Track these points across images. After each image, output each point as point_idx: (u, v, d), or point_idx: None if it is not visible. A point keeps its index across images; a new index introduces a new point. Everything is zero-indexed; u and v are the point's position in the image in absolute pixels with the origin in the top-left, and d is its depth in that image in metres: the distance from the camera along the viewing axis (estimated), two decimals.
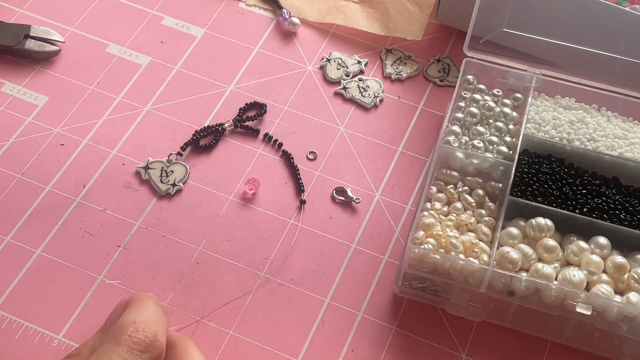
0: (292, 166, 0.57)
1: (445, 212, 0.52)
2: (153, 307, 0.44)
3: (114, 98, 0.60)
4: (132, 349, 0.40)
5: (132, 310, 0.43)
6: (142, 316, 0.42)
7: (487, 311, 0.50)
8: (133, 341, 0.41)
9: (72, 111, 0.59)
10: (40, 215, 0.53)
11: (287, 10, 0.65)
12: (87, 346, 0.43)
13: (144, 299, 0.45)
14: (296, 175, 0.56)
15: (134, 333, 0.41)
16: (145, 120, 0.59)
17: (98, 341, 0.43)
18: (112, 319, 0.45)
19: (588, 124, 0.56)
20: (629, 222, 0.51)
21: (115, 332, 0.41)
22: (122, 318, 0.42)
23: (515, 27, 0.59)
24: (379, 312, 0.51)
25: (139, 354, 0.41)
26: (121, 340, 0.41)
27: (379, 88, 0.62)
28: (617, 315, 0.46)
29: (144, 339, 0.41)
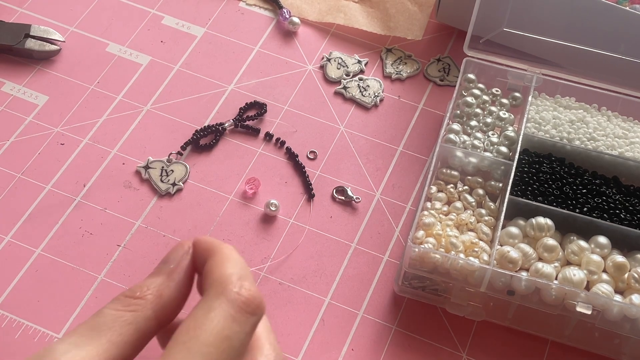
0: (298, 164, 0.57)
1: (445, 212, 0.52)
2: (243, 261, 0.38)
3: (114, 97, 0.60)
4: (242, 310, 0.34)
5: (224, 262, 0.37)
6: (243, 271, 0.36)
7: (487, 310, 0.50)
8: (242, 300, 0.35)
9: (72, 111, 0.59)
10: (40, 215, 0.53)
11: (287, 10, 0.65)
12: (150, 289, 0.37)
13: (229, 249, 0.38)
14: (302, 172, 0.56)
15: (242, 291, 0.35)
16: (145, 119, 0.59)
17: (163, 286, 0.37)
18: (170, 260, 0.38)
19: (588, 124, 0.56)
20: (629, 222, 0.51)
21: (217, 286, 0.35)
22: (220, 270, 0.36)
23: (515, 27, 0.59)
24: (379, 311, 0.51)
25: (248, 316, 0.35)
26: (231, 298, 0.34)
27: (379, 87, 0.62)
28: (617, 314, 0.46)
29: (252, 300, 0.35)
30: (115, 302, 0.35)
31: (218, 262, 0.36)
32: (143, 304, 0.35)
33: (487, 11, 0.58)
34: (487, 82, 0.58)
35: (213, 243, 0.38)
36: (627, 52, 0.58)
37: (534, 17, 0.59)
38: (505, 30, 0.59)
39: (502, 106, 0.57)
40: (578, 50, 0.59)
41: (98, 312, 0.35)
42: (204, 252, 0.38)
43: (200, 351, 0.32)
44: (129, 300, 0.35)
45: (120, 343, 0.34)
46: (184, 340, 0.32)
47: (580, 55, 0.59)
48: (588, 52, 0.58)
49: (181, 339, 0.32)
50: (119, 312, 0.35)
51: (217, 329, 0.33)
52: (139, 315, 0.35)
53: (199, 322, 0.33)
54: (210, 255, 0.37)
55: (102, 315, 0.34)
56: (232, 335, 0.33)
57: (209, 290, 0.34)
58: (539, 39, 0.59)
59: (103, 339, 0.33)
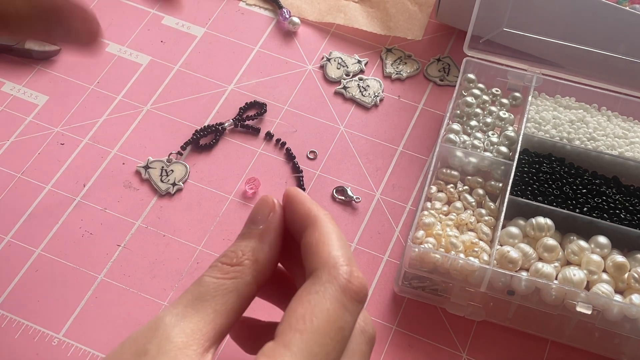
0: (295, 167, 0.57)
1: (445, 212, 0.52)
2: (343, 236, 0.36)
3: (114, 97, 0.60)
4: (353, 300, 0.33)
5: (329, 239, 0.35)
6: (348, 252, 0.35)
7: (487, 310, 0.50)
8: (353, 290, 0.34)
9: (72, 110, 0.59)
10: (40, 215, 0.53)
11: (287, 10, 0.65)
12: (246, 254, 0.36)
13: (328, 221, 0.36)
14: (298, 175, 0.56)
15: (353, 280, 0.34)
16: (145, 119, 0.59)
17: (257, 250, 0.36)
18: (258, 220, 0.38)
19: (588, 124, 0.56)
20: (629, 222, 0.51)
21: (328, 271, 0.34)
22: (327, 250, 0.35)
23: (515, 27, 0.59)
24: (379, 311, 0.51)
25: (358, 304, 0.34)
26: (343, 285, 0.33)
27: (379, 87, 0.62)
28: (617, 314, 0.46)
29: (362, 289, 0.34)
30: (214, 270, 0.35)
31: (323, 239, 0.35)
32: (241, 270, 0.35)
33: (487, 11, 0.58)
34: (487, 82, 0.58)
35: (310, 209, 0.37)
36: (627, 52, 0.58)
37: (534, 17, 0.59)
38: (505, 30, 0.59)
39: (502, 106, 0.57)
40: (578, 50, 0.59)
41: (199, 281, 0.35)
42: (299, 217, 0.37)
43: (317, 342, 0.32)
44: (227, 268, 0.35)
45: (224, 311, 0.34)
46: (300, 328, 0.32)
47: (580, 55, 0.59)
48: (588, 52, 0.58)
49: (297, 325, 0.32)
50: (220, 280, 0.35)
51: (332, 319, 0.33)
52: (240, 282, 0.35)
53: (316, 310, 0.33)
54: (310, 224, 0.36)
55: (203, 284, 0.35)
56: (345, 326, 0.33)
57: (320, 274, 0.34)
58: (539, 39, 0.59)
59: (209, 308, 0.34)
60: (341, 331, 0.33)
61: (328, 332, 0.32)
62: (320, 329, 0.32)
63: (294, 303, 0.33)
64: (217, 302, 0.34)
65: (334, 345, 0.32)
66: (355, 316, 0.34)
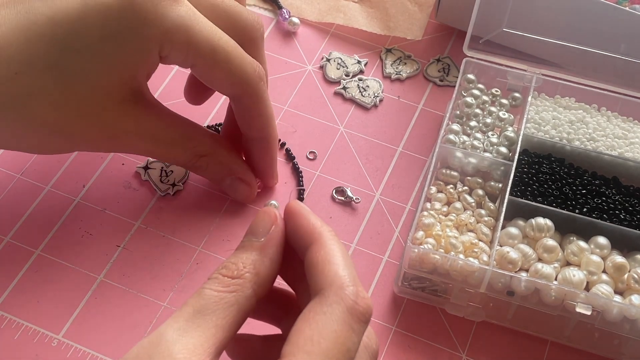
0: (295, 168, 0.57)
1: (445, 212, 0.52)
2: (347, 254, 0.36)
3: None
4: (359, 321, 0.34)
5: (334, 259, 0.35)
6: (352, 271, 0.35)
7: (487, 311, 0.50)
8: (360, 311, 0.34)
9: None
10: (39, 215, 0.53)
11: (286, 10, 0.65)
12: (247, 267, 0.36)
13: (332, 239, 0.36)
14: (298, 177, 0.56)
15: (359, 301, 0.34)
16: None
17: (258, 263, 0.36)
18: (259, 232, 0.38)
19: (588, 124, 0.56)
20: (628, 222, 0.51)
21: (334, 291, 0.34)
22: (332, 270, 0.35)
23: (515, 27, 0.59)
24: (378, 311, 0.51)
25: (363, 325, 0.34)
26: (349, 306, 0.34)
27: (379, 88, 0.62)
28: (617, 315, 0.46)
29: (368, 310, 0.34)
30: (214, 283, 0.35)
31: (328, 258, 0.35)
32: (242, 284, 0.35)
33: (487, 11, 0.58)
34: (487, 83, 0.58)
35: (314, 225, 0.37)
36: (627, 52, 0.58)
37: (533, 17, 0.59)
38: (505, 31, 0.59)
39: (501, 106, 0.57)
40: (578, 50, 0.59)
41: (199, 294, 0.35)
42: (303, 233, 0.37)
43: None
44: (227, 280, 0.35)
45: (225, 325, 0.34)
46: (308, 349, 0.32)
47: (580, 55, 0.59)
48: (588, 52, 0.58)
49: (305, 347, 0.32)
50: (221, 294, 0.35)
51: (340, 341, 0.33)
52: (241, 296, 0.35)
53: (323, 331, 0.33)
54: (314, 241, 0.36)
55: (204, 297, 0.35)
56: (352, 347, 0.33)
57: (327, 294, 0.34)
58: (538, 39, 0.59)
59: (210, 323, 0.34)
60: (348, 353, 0.33)
61: (335, 354, 0.32)
62: (328, 351, 0.32)
63: (301, 323, 0.33)
64: (218, 316, 0.34)
65: None
66: (360, 336, 0.34)
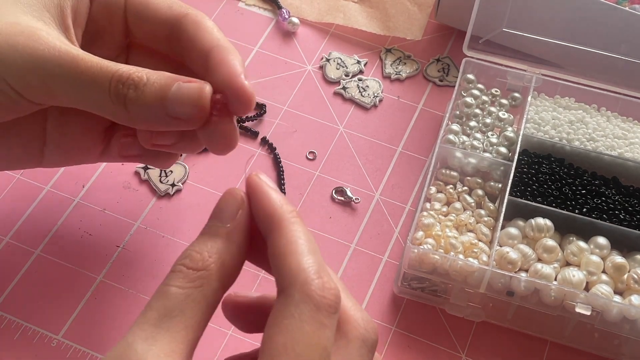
0: (276, 160, 0.57)
1: (444, 212, 0.52)
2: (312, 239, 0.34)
3: None
4: (329, 314, 0.32)
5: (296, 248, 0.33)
6: (318, 260, 0.33)
7: (487, 311, 0.50)
8: (328, 304, 0.32)
9: None
10: (39, 216, 0.53)
11: (286, 10, 0.65)
12: (212, 257, 0.33)
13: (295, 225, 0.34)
14: (279, 170, 0.56)
15: (326, 294, 0.32)
16: None
17: (224, 252, 0.34)
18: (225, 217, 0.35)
19: (588, 124, 0.56)
20: (628, 222, 0.51)
21: (299, 288, 0.32)
22: (296, 261, 0.33)
23: (515, 27, 0.59)
24: (378, 312, 0.51)
25: (334, 317, 0.32)
26: (317, 302, 0.32)
27: (379, 88, 0.62)
28: (617, 315, 0.46)
29: (336, 300, 0.32)
30: (178, 278, 0.33)
31: (290, 248, 0.33)
32: (208, 276, 0.33)
33: (487, 11, 0.58)
34: (487, 83, 0.58)
35: (275, 209, 0.34)
36: (627, 53, 0.58)
37: (533, 17, 0.59)
38: (505, 31, 0.59)
39: (501, 106, 0.57)
40: (578, 50, 0.59)
41: (163, 294, 0.32)
42: (263, 216, 0.34)
43: None
44: (192, 274, 0.33)
45: (194, 325, 0.32)
46: (282, 359, 0.30)
47: (580, 55, 0.59)
48: (588, 52, 0.58)
49: (280, 357, 0.31)
50: (187, 291, 0.32)
51: (313, 342, 0.31)
52: (207, 290, 0.33)
53: (295, 336, 0.31)
54: (274, 228, 0.34)
55: (169, 297, 0.32)
56: (327, 343, 0.32)
57: (292, 293, 0.32)
58: (538, 39, 0.59)
59: (179, 325, 0.32)
60: (324, 350, 0.32)
61: (312, 356, 0.31)
62: (303, 355, 0.31)
63: (272, 330, 0.32)
64: (186, 316, 0.32)
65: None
66: (334, 327, 0.32)
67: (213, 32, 0.42)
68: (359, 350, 0.34)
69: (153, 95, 0.38)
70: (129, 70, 0.38)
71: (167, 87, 0.38)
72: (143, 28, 0.44)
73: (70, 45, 0.39)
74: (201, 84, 0.38)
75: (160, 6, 0.43)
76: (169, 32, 0.43)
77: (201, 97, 0.38)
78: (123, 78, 0.38)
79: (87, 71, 0.38)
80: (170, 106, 0.38)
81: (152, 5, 0.43)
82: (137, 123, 0.39)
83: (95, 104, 0.39)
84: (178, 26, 0.42)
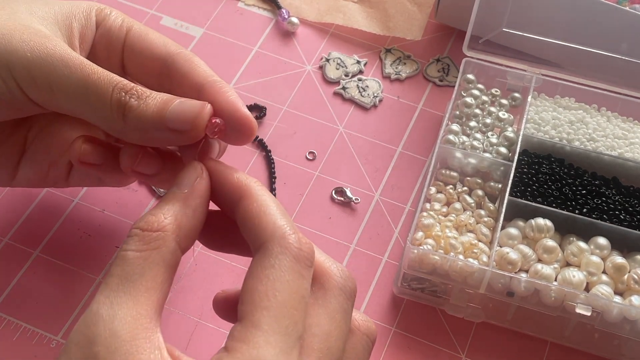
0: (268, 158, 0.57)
1: (444, 213, 0.52)
2: (279, 203, 0.36)
3: None
4: (306, 265, 0.34)
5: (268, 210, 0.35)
6: (290, 219, 0.35)
7: (487, 312, 0.50)
8: (304, 256, 0.34)
9: None
10: (38, 216, 0.53)
11: (286, 10, 0.65)
12: (168, 218, 0.34)
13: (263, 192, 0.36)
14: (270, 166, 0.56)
15: (302, 246, 0.34)
16: None
17: (181, 214, 0.35)
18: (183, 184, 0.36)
19: (588, 124, 0.56)
20: (628, 223, 0.51)
21: (277, 242, 0.34)
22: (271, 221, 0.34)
23: (515, 27, 0.59)
24: (378, 312, 0.51)
25: (310, 269, 0.34)
26: (295, 254, 0.34)
27: (378, 88, 0.62)
28: (617, 316, 0.46)
29: (311, 252, 0.34)
30: (134, 241, 0.34)
31: (263, 209, 0.35)
32: (164, 237, 0.34)
33: (487, 11, 0.58)
34: (487, 83, 0.58)
35: (240, 179, 0.37)
36: (627, 53, 0.58)
37: (533, 17, 0.59)
38: (505, 31, 0.59)
39: (501, 107, 0.57)
40: (578, 50, 0.58)
41: (121, 259, 0.33)
42: (229, 189, 0.36)
43: (285, 315, 0.32)
44: (148, 235, 0.34)
45: (156, 286, 0.33)
46: (265, 305, 0.32)
47: (580, 55, 0.58)
48: (588, 52, 0.58)
49: (262, 303, 0.32)
50: (144, 253, 0.33)
51: (293, 290, 0.33)
52: (165, 251, 0.34)
53: (276, 284, 0.33)
54: (243, 196, 0.36)
55: (127, 262, 0.33)
56: (305, 294, 0.34)
57: (271, 246, 0.34)
58: (538, 39, 0.59)
59: (141, 288, 0.32)
60: (303, 299, 0.33)
61: (292, 304, 0.33)
62: (285, 302, 0.32)
63: (252, 280, 0.33)
64: (146, 278, 0.33)
65: (300, 314, 0.33)
66: (310, 279, 0.34)
67: (205, 68, 0.43)
68: (337, 298, 0.35)
69: (154, 106, 0.38)
70: (134, 84, 0.39)
71: (170, 100, 0.38)
72: (137, 61, 0.45)
73: (78, 54, 0.40)
74: (203, 102, 0.38)
75: (156, 44, 0.44)
76: (160, 68, 0.43)
77: (202, 113, 0.38)
78: (127, 87, 0.38)
79: (92, 75, 0.38)
80: (170, 117, 0.38)
81: (148, 42, 0.44)
82: (130, 134, 0.39)
83: (92, 110, 0.39)
84: (170, 62, 0.43)
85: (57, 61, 0.39)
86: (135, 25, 0.45)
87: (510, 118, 0.56)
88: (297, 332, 0.32)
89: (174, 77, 0.43)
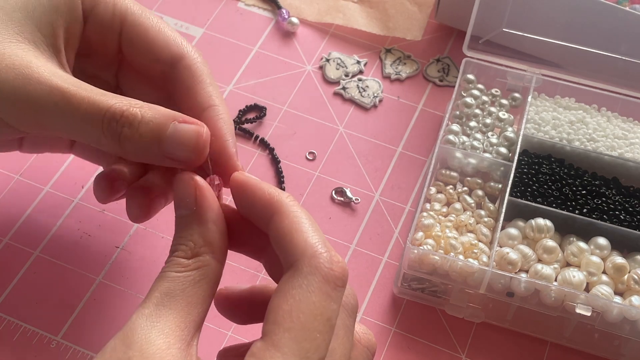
0: (274, 160, 0.57)
1: (444, 213, 0.52)
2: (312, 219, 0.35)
3: None
4: (336, 287, 0.33)
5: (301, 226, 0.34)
6: (322, 236, 0.34)
7: (487, 312, 0.50)
8: (335, 276, 0.33)
9: None
10: (38, 216, 0.53)
11: (286, 10, 0.65)
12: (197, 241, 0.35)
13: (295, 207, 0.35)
14: (277, 168, 0.56)
15: (334, 267, 0.33)
16: None
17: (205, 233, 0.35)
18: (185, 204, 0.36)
19: (588, 124, 0.56)
20: (628, 223, 0.51)
21: (308, 261, 0.33)
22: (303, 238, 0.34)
23: (515, 27, 0.59)
24: (378, 313, 0.51)
25: (341, 290, 0.33)
26: (325, 274, 0.33)
27: (378, 88, 0.62)
28: (617, 316, 0.46)
29: (344, 273, 0.33)
30: (175, 265, 0.35)
31: (295, 226, 0.34)
32: (203, 260, 0.35)
33: (487, 11, 0.58)
34: (487, 83, 0.58)
35: (272, 195, 0.35)
36: (627, 53, 0.58)
37: (533, 17, 0.59)
38: (505, 31, 0.59)
39: (501, 107, 0.57)
40: (578, 50, 0.58)
41: (163, 277, 0.34)
42: (261, 205, 0.36)
43: (307, 338, 0.31)
44: (186, 261, 0.35)
45: (197, 301, 0.34)
46: (288, 326, 0.31)
47: (580, 55, 0.58)
48: (588, 52, 0.58)
49: (284, 324, 0.32)
50: (185, 272, 0.34)
51: (319, 312, 0.32)
52: (206, 269, 0.35)
53: (301, 305, 0.32)
54: (275, 212, 0.35)
55: (169, 279, 0.34)
56: (332, 315, 0.33)
57: (300, 265, 0.33)
58: (538, 39, 0.59)
59: (181, 302, 0.33)
60: (329, 322, 0.32)
61: (316, 327, 0.32)
62: (308, 324, 0.32)
63: (278, 299, 0.32)
64: (187, 294, 0.33)
65: (323, 337, 0.32)
66: (339, 301, 0.33)
67: (209, 88, 0.41)
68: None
69: (148, 135, 0.36)
70: (122, 106, 0.37)
71: (164, 127, 0.36)
72: (136, 60, 0.43)
73: (62, 75, 0.38)
74: (198, 127, 0.37)
75: (157, 44, 0.42)
76: (162, 72, 0.42)
77: (199, 142, 0.36)
78: (117, 115, 0.36)
79: (79, 107, 0.36)
80: (167, 148, 0.37)
81: (148, 41, 0.42)
82: (130, 157, 0.39)
83: (88, 139, 0.38)
84: (173, 70, 0.42)
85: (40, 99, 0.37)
86: (129, 15, 0.42)
87: (510, 118, 0.56)
88: (319, 356, 0.31)
89: (177, 87, 0.42)
